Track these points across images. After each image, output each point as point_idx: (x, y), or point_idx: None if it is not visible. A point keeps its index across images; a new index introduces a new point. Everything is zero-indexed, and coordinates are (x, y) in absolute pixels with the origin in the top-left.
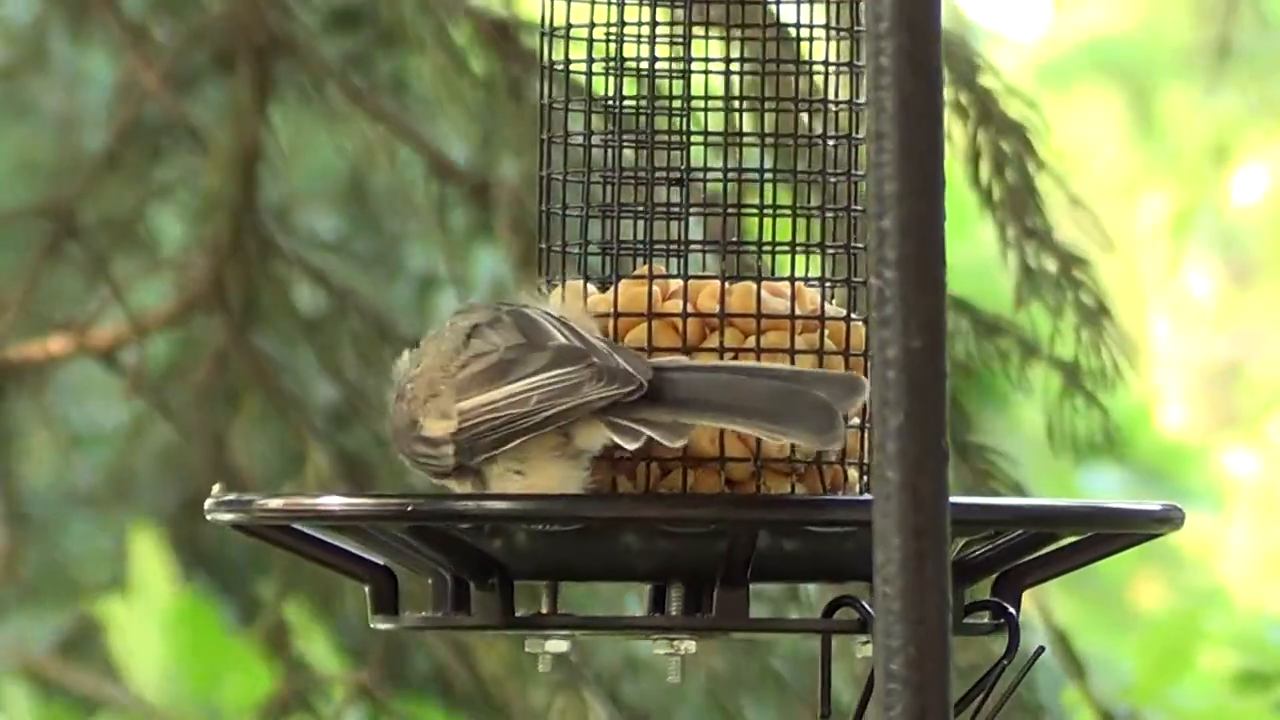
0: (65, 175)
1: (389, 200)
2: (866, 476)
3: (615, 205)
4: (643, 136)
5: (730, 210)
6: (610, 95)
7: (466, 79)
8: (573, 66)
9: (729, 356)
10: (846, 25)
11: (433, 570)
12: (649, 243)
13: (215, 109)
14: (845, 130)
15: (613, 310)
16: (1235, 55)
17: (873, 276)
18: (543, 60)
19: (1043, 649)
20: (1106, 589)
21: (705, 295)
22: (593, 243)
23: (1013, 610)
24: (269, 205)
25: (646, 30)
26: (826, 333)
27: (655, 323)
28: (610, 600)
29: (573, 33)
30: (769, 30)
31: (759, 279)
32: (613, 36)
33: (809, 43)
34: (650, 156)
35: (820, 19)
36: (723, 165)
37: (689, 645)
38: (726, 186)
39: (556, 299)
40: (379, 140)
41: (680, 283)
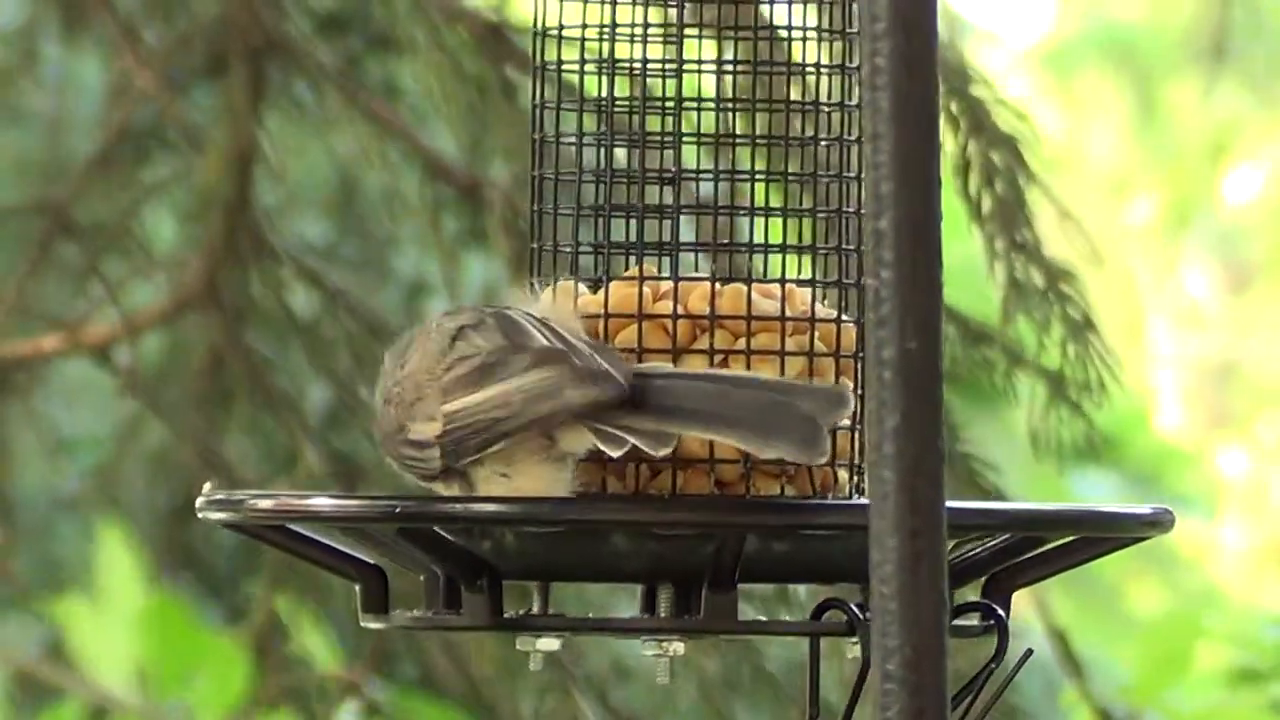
0: (58, 175)
1: (381, 202)
2: (857, 478)
3: (607, 205)
4: (634, 137)
5: (722, 211)
6: (602, 96)
7: (459, 82)
8: (565, 67)
9: (719, 358)
10: (838, 27)
11: (424, 568)
12: (640, 243)
13: (209, 111)
14: (836, 132)
15: (603, 311)
16: (1232, 55)
17: (869, 277)
18: (535, 61)
19: (1031, 652)
20: (1101, 590)
21: (696, 297)
22: (584, 243)
23: (1002, 612)
24: (262, 206)
25: (639, 31)
26: (817, 334)
27: (646, 324)
28: (599, 601)
29: (565, 33)
30: (761, 31)
31: (750, 281)
32: (605, 36)
33: (802, 43)
34: (642, 157)
35: (811, 21)
36: (714, 166)
37: (678, 647)
38: (718, 187)
39: (548, 299)
40: (371, 142)
41: (671, 284)
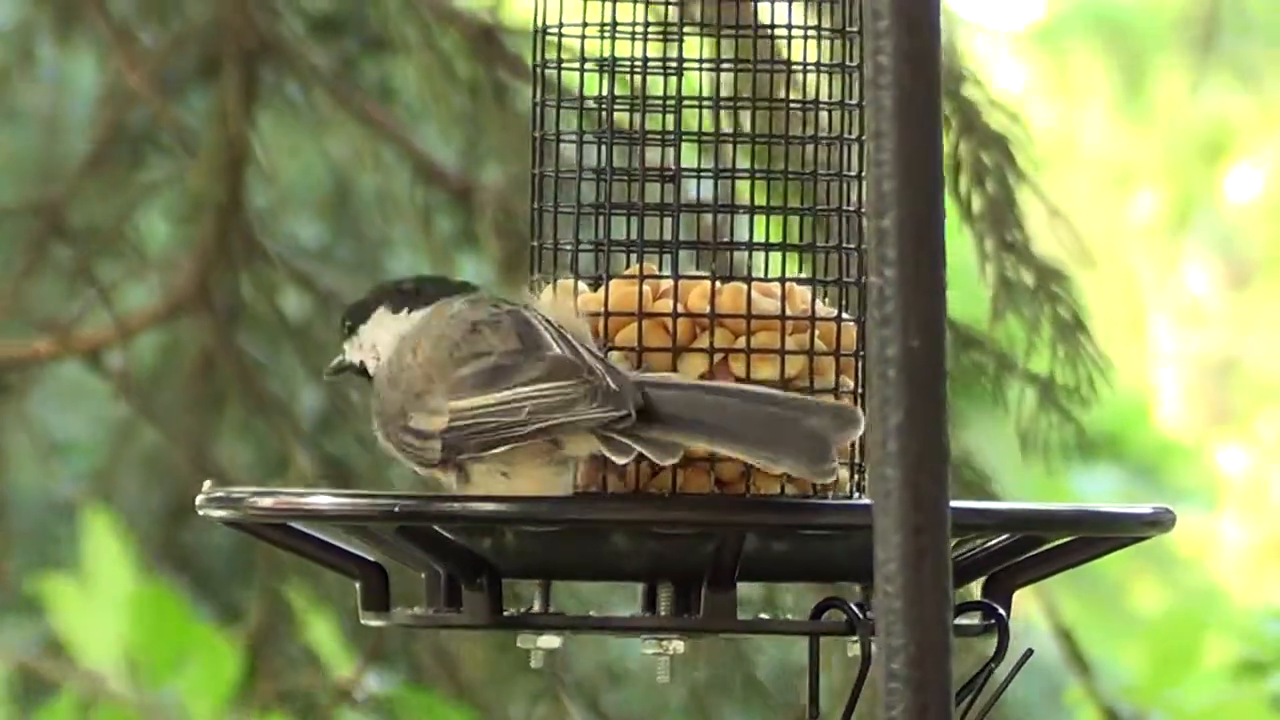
0: (51, 177)
1: (374, 205)
2: (857, 477)
3: (607, 204)
4: (634, 135)
5: (721, 210)
6: (602, 94)
7: (452, 84)
8: (565, 64)
9: (719, 356)
10: (838, 26)
11: (425, 567)
12: (640, 242)
13: (202, 113)
14: (837, 130)
15: (603, 309)
16: (1223, 49)
17: (873, 275)
18: (535, 59)
19: (1031, 652)
20: (1102, 588)
21: (696, 295)
22: (584, 241)
23: (1003, 611)
24: (255, 209)
25: (638, 30)
26: (817, 333)
27: (646, 322)
28: (596, 602)
29: (565, 31)
30: (760, 30)
31: (749, 279)
32: (606, 35)
33: (802, 41)
34: (641, 155)
35: (811, 20)
36: (714, 165)
37: (678, 645)
38: (718, 186)
39: (548, 297)
40: (364, 145)
41: (671, 282)
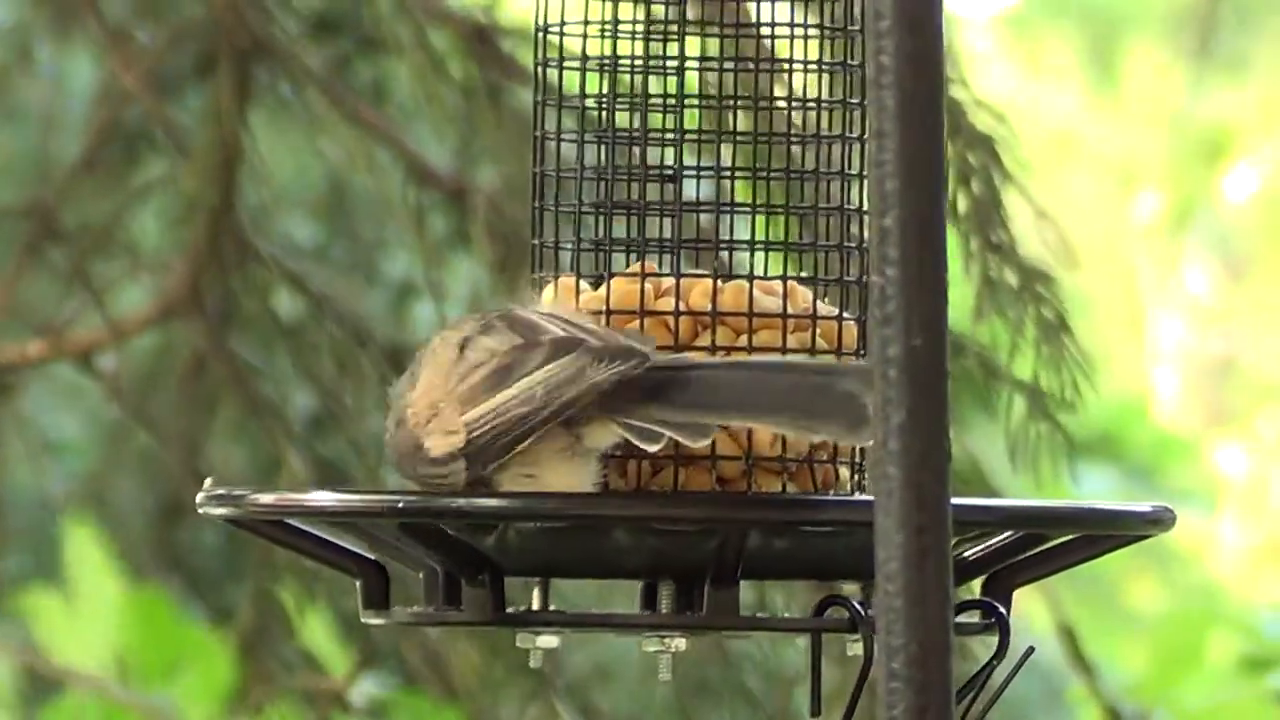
0: (45, 178)
1: (367, 206)
2: (858, 476)
3: (609, 202)
4: (635, 134)
5: (723, 210)
6: (603, 93)
7: (445, 85)
8: (566, 63)
9: (721, 355)
10: (839, 24)
11: (422, 566)
12: (641, 240)
13: (195, 113)
14: (838, 130)
15: (605, 308)
16: (1222, 51)
17: (874, 274)
18: (537, 58)
19: (1032, 650)
20: (1101, 587)
21: (697, 293)
22: (585, 240)
23: (1003, 610)
24: (248, 210)
25: (639, 28)
26: (819, 332)
27: (647, 321)
28: (593, 602)
29: (566, 29)
30: (760, 29)
31: (751, 277)
32: (607, 34)
33: (803, 41)
34: (643, 154)
35: (812, 19)
36: (715, 163)
37: (679, 643)
38: (720, 184)
39: (549, 295)
40: (358, 145)
41: (673, 280)
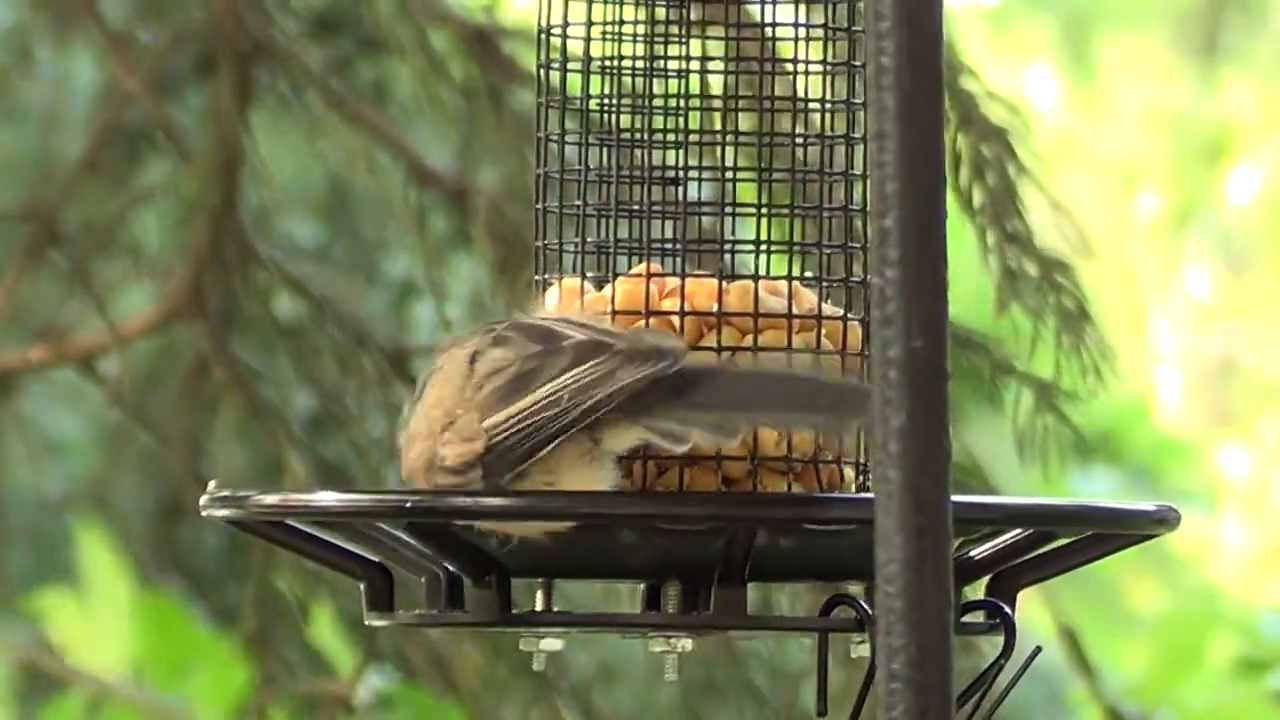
0: (45, 180)
1: (368, 207)
2: (863, 477)
3: (613, 203)
4: (638, 135)
5: (727, 209)
6: (606, 94)
7: (446, 86)
8: (569, 65)
9: (726, 355)
10: (844, 25)
11: (423, 569)
12: (645, 241)
13: (196, 114)
14: (842, 130)
15: (610, 309)
16: (1228, 52)
17: (874, 275)
18: (540, 59)
19: (1039, 649)
20: (1102, 589)
21: (702, 294)
22: (589, 242)
23: (1008, 610)
24: (249, 211)
25: (643, 29)
26: (824, 332)
27: (652, 321)
28: (593, 604)
29: (569, 31)
30: (765, 30)
31: (756, 278)
32: (610, 35)
33: (806, 41)
34: (647, 156)
35: (818, 19)
36: (718, 164)
37: (685, 643)
38: (724, 185)
39: (552, 297)
40: (358, 147)
41: (677, 281)
